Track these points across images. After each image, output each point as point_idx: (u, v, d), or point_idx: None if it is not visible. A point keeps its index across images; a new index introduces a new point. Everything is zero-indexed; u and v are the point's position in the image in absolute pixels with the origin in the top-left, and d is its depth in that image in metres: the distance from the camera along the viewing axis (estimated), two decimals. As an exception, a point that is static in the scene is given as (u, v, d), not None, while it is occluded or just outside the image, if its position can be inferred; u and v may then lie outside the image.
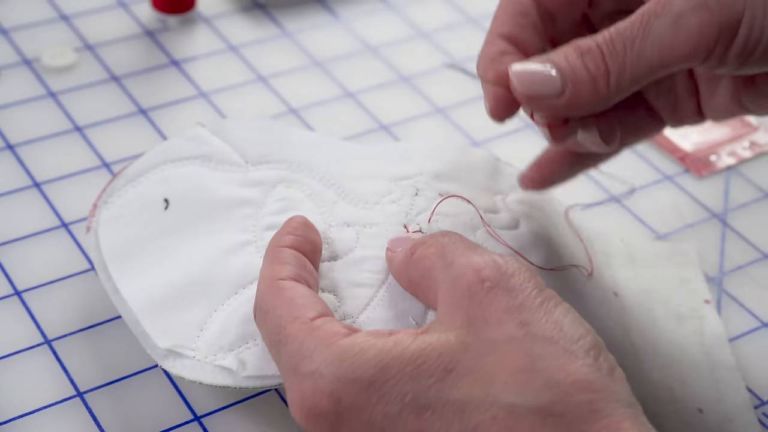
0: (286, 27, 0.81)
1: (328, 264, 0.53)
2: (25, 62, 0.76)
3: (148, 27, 0.80)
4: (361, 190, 0.57)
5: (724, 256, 0.66)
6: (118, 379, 0.56)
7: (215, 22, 0.81)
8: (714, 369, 0.59)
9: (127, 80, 0.75)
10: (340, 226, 0.55)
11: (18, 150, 0.69)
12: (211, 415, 0.55)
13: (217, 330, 0.52)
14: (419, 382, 0.43)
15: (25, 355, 0.57)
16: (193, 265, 0.55)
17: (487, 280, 0.45)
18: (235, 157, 0.59)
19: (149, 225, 0.57)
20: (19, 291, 0.60)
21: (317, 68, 0.78)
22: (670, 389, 0.57)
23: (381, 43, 0.80)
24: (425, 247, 0.49)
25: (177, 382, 0.56)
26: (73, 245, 0.63)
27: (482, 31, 0.82)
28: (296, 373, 0.45)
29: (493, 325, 0.44)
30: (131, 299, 0.54)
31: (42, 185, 0.67)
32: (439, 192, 0.56)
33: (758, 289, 0.64)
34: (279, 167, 0.58)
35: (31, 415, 0.54)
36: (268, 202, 0.57)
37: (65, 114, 0.72)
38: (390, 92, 0.76)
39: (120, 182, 0.59)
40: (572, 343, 0.43)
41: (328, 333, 0.45)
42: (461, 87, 0.77)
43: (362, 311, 0.51)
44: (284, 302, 0.48)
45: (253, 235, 0.55)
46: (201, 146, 0.60)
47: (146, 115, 0.72)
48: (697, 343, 0.60)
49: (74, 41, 0.78)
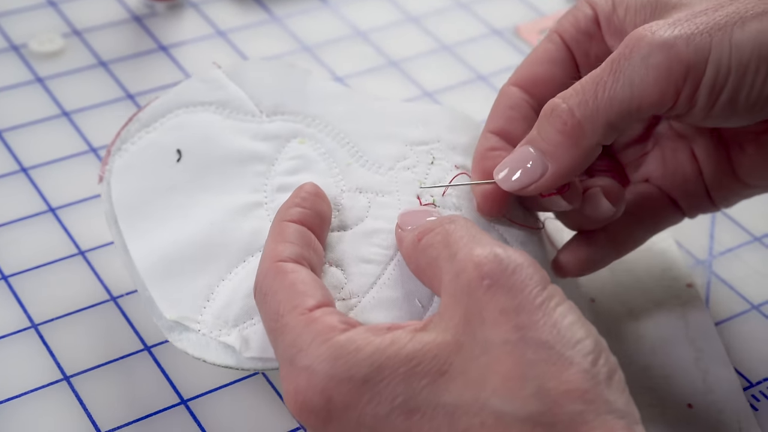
0: (274, 12, 0.81)
1: (338, 234, 0.53)
2: (13, 48, 0.75)
3: (136, 12, 0.79)
4: (376, 151, 0.56)
5: (713, 239, 0.66)
6: (104, 363, 0.56)
7: (203, 7, 0.80)
8: (700, 359, 0.58)
9: (114, 66, 0.75)
10: (352, 192, 0.54)
11: (5, 135, 0.69)
12: (197, 399, 0.55)
13: (224, 301, 0.52)
14: (411, 384, 0.43)
15: (12, 339, 0.57)
16: (203, 226, 0.54)
17: (486, 277, 0.44)
18: (250, 106, 0.58)
19: (161, 177, 0.56)
20: (6, 276, 0.60)
21: (306, 53, 0.77)
22: (656, 389, 0.57)
23: (370, 28, 0.80)
24: (432, 235, 0.48)
25: (164, 366, 0.56)
26: (60, 230, 0.63)
27: (472, 15, 0.82)
28: (292, 365, 0.45)
29: (490, 326, 0.43)
30: (139, 261, 0.53)
31: (29, 170, 0.67)
32: (455, 164, 0.56)
33: (748, 272, 0.64)
34: (294, 119, 0.58)
35: (18, 398, 0.54)
36: (280, 158, 0.56)
37: (53, 99, 0.72)
38: (379, 77, 0.76)
39: (134, 126, 0.58)
40: (569, 348, 0.42)
41: (326, 327, 0.45)
42: (451, 72, 0.77)
43: (369, 290, 0.51)
44: (284, 287, 0.47)
45: (264, 196, 0.55)
46: (217, 91, 0.58)
47: (134, 101, 0.72)
48: (681, 332, 0.60)
49: (62, 27, 0.77)
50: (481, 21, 0.82)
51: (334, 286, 0.51)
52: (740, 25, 0.49)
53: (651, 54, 0.49)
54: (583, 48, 0.56)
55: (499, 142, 0.54)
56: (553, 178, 0.51)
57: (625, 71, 0.49)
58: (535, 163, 0.51)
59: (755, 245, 0.66)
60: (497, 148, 0.54)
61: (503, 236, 0.54)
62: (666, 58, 0.49)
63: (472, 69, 0.77)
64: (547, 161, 0.51)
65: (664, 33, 0.49)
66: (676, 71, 0.49)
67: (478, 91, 0.76)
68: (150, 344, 0.57)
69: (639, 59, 0.49)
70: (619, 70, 0.49)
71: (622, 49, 0.50)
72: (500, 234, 0.54)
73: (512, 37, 0.81)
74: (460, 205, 0.54)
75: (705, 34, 0.49)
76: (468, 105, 0.74)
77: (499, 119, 0.55)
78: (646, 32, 0.49)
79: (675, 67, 0.49)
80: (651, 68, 0.49)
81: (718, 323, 0.61)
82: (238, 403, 0.55)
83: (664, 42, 0.49)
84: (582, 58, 0.56)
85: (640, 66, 0.49)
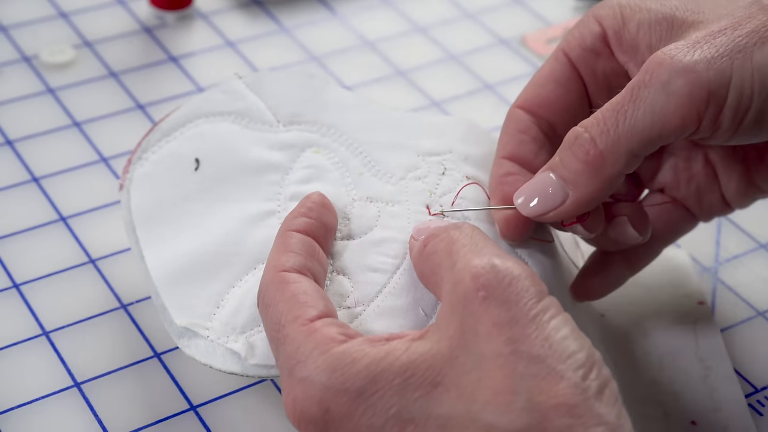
0: (283, 23, 0.81)
1: (346, 243, 0.53)
2: (24, 59, 0.76)
3: (146, 23, 0.80)
4: (389, 161, 0.57)
5: (719, 246, 0.67)
6: (115, 369, 0.57)
7: (213, 18, 0.81)
8: (708, 376, 0.58)
9: (125, 76, 0.75)
10: (362, 201, 0.55)
11: (17, 145, 0.70)
12: (207, 405, 0.55)
13: (233, 308, 0.52)
14: (405, 395, 0.43)
15: (23, 346, 0.58)
16: (217, 235, 0.55)
17: (482, 289, 0.44)
18: (268, 116, 0.59)
19: (179, 186, 0.57)
20: (17, 284, 0.61)
21: (314, 63, 0.78)
22: (662, 404, 0.57)
23: (378, 38, 0.81)
24: (436, 242, 0.48)
25: (173, 372, 0.57)
26: (71, 239, 0.63)
27: (479, 25, 0.83)
28: (291, 375, 0.46)
29: (483, 339, 0.43)
30: (154, 270, 0.54)
31: (41, 180, 0.67)
32: (466, 174, 0.56)
33: (753, 279, 0.65)
34: (310, 129, 0.58)
35: (30, 405, 0.55)
36: (295, 168, 0.57)
37: (64, 110, 0.72)
38: (387, 87, 0.77)
39: (155, 136, 0.59)
40: (560, 362, 0.42)
41: (325, 338, 0.45)
42: (458, 81, 0.77)
43: (373, 299, 0.51)
44: (286, 298, 0.48)
45: (278, 205, 0.55)
46: (236, 101, 0.59)
47: (144, 111, 0.73)
48: (691, 351, 0.59)
49: (73, 38, 0.78)
50: (488, 31, 0.82)
51: (340, 295, 0.51)
52: (760, 45, 0.48)
53: (671, 80, 0.48)
54: (589, 66, 0.55)
55: (514, 167, 0.54)
56: (573, 206, 0.51)
57: (645, 99, 0.49)
58: (555, 190, 0.51)
59: (761, 252, 0.66)
60: (512, 173, 0.54)
61: (511, 245, 0.54)
62: (686, 83, 0.48)
63: (479, 78, 0.78)
64: (568, 189, 0.50)
65: (683, 57, 0.48)
66: (698, 97, 0.48)
67: (485, 101, 0.76)
68: (160, 351, 0.58)
69: (659, 86, 0.48)
70: (639, 98, 0.49)
71: (641, 75, 0.49)
72: (508, 244, 0.54)
73: (519, 47, 0.81)
74: (468, 216, 0.54)
75: (726, 58, 0.48)
76: (475, 114, 0.74)
77: (510, 144, 0.55)
78: (666, 57, 0.49)
79: (696, 93, 0.48)
80: (672, 95, 0.48)
81: (724, 329, 0.61)
82: (247, 410, 0.55)
83: (684, 67, 0.48)
84: (589, 76, 0.55)
85: (660, 93, 0.48)
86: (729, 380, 0.58)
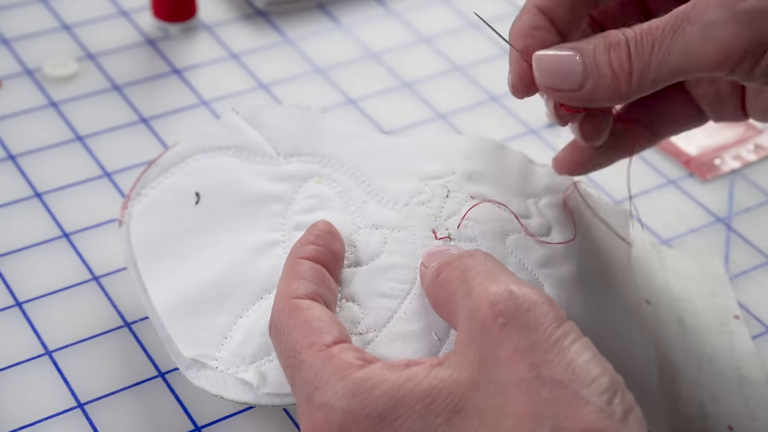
0: (287, 34, 0.81)
1: (354, 270, 0.53)
2: (27, 72, 0.76)
3: (150, 36, 0.79)
4: (392, 188, 0.56)
5: (728, 261, 0.66)
6: (119, 389, 0.56)
7: (216, 29, 0.81)
8: (743, 385, 0.58)
9: (128, 89, 0.75)
10: (368, 228, 0.55)
11: (19, 160, 0.69)
12: (211, 425, 0.55)
13: (241, 338, 0.52)
14: (427, 421, 0.43)
15: (26, 366, 0.57)
16: (221, 266, 0.54)
17: (500, 316, 0.44)
18: (268, 149, 0.59)
19: (180, 220, 0.57)
20: (20, 302, 0.60)
21: (319, 75, 0.77)
22: (701, 404, 0.57)
23: (383, 50, 0.80)
24: (450, 270, 0.48)
25: (177, 392, 0.56)
26: (74, 255, 0.63)
27: (484, 36, 0.82)
28: (309, 402, 0.45)
29: (504, 365, 0.43)
30: (158, 303, 0.54)
31: (43, 195, 0.67)
32: (471, 194, 0.55)
33: (763, 294, 0.64)
34: (311, 160, 0.58)
35: (32, 426, 0.54)
36: (297, 198, 0.57)
37: (66, 123, 0.72)
38: (392, 98, 0.76)
39: (154, 172, 0.59)
40: (584, 387, 0.42)
41: (343, 363, 0.45)
42: (463, 93, 0.77)
43: (385, 324, 0.51)
44: (300, 324, 0.47)
45: (282, 235, 0.55)
46: (235, 136, 0.60)
47: (147, 124, 0.72)
48: (727, 358, 0.59)
49: (75, 51, 0.78)
50: (493, 41, 0.82)
51: (351, 321, 0.51)
52: None
53: (714, 25, 0.47)
54: None
55: (543, 21, 0.53)
56: (586, 96, 0.50)
57: (684, 35, 0.47)
58: (575, 76, 0.49)
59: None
60: (541, 28, 0.52)
61: (521, 262, 0.53)
62: (729, 31, 0.47)
63: (485, 90, 0.77)
64: (587, 80, 0.49)
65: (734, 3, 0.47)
66: (737, 47, 0.47)
67: (490, 112, 0.76)
68: (164, 370, 0.57)
69: (702, 26, 0.47)
70: (679, 31, 0.47)
71: (689, 6, 0.48)
72: (519, 260, 0.53)
73: (525, 58, 0.80)
74: (475, 236, 0.53)
75: None
76: (480, 125, 0.74)
77: None
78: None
79: (736, 43, 0.47)
80: (711, 41, 0.47)
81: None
82: (252, 430, 0.55)
83: (733, 15, 0.47)
84: None
85: (700, 34, 0.47)
86: (764, 392, 0.58)
